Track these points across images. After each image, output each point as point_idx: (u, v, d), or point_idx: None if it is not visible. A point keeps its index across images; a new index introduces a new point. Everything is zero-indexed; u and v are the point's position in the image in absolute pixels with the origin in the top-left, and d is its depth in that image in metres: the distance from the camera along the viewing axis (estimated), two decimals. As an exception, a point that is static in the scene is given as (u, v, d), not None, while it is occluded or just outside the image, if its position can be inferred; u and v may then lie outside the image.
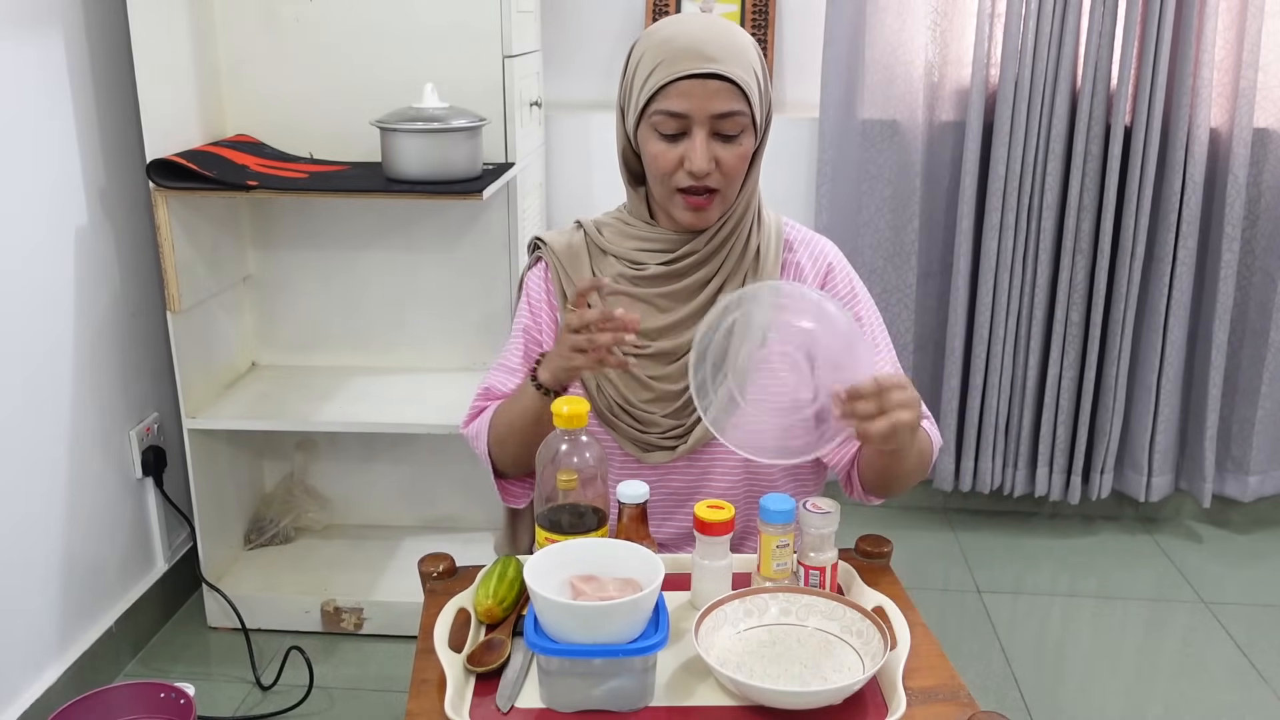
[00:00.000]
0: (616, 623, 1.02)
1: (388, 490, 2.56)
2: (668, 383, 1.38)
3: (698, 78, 1.25)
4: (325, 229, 2.37)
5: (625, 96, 1.35)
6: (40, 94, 1.92)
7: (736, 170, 1.31)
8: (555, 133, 2.68)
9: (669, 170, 1.30)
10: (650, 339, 1.37)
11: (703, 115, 1.26)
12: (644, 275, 1.37)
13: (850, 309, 1.40)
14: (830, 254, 1.44)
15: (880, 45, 2.57)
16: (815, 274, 1.42)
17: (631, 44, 1.34)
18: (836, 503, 1.21)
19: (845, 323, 1.21)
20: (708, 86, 1.25)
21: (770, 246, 1.39)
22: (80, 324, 2.04)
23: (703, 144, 1.27)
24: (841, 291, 1.42)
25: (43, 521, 1.96)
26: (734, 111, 1.27)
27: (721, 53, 1.26)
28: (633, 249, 1.39)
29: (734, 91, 1.26)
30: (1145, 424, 2.69)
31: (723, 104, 1.26)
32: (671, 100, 1.26)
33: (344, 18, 2.18)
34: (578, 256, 1.42)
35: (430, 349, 2.45)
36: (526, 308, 1.45)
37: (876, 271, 2.70)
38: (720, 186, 1.31)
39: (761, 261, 1.38)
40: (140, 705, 1.56)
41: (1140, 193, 2.53)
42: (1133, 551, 2.73)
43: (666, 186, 1.32)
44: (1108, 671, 2.23)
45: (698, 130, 1.27)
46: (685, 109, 1.26)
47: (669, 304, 1.37)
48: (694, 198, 1.31)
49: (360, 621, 2.29)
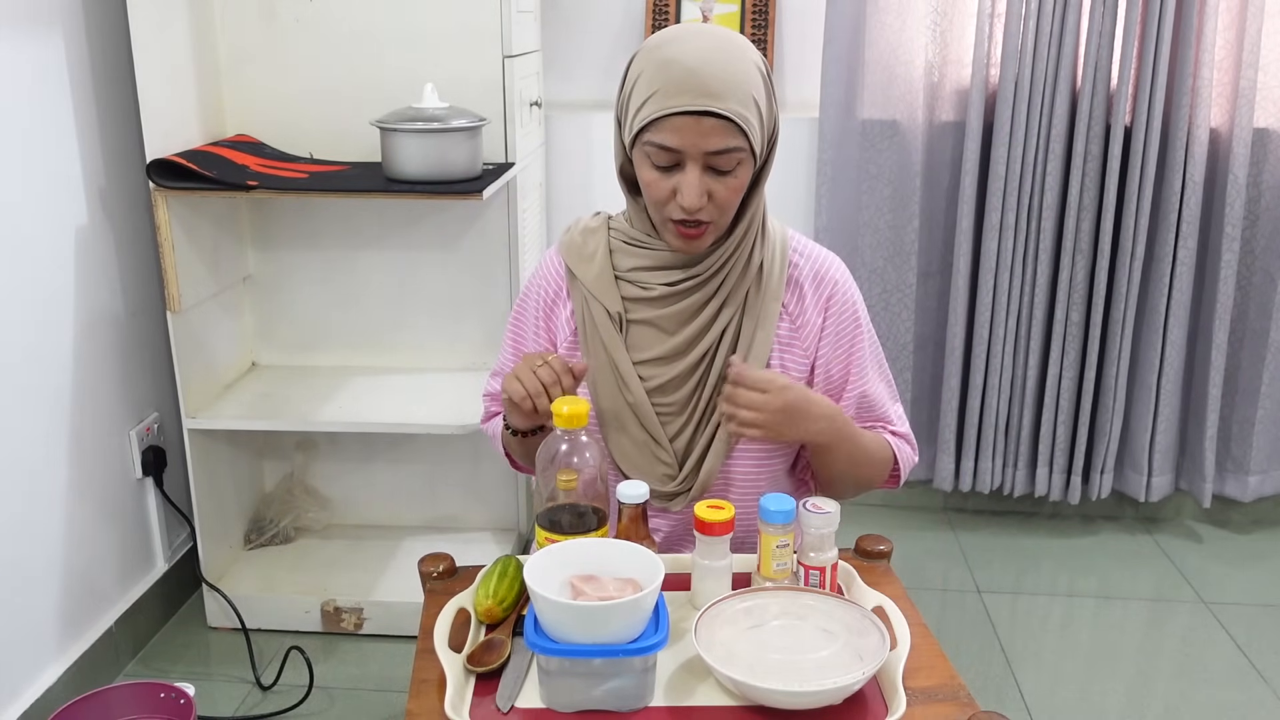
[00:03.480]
0: (616, 623, 1.02)
1: (388, 490, 2.56)
2: (674, 414, 1.38)
3: (693, 115, 1.21)
4: (325, 229, 2.37)
5: (621, 112, 1.31)
6: (40, 94, 1.92)
7: (730, 203, 1.28)
8: (555, 133, 2.68)
9: (662, 200, 1.28)
10: (656, 368, 1.37)
11: (696, 152, 1.23)
12: (650, 297, 1.36)
13: (849, 337, 1.40)
14: (835, 273, 1.41)
15: (880, 45, 2.57)
16: (817, 298, 1.39)
17: (632, 54, 1.30)
18: (836, 503, 1.21)
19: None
20: (702, 124, 1.21)
21: (775, 262, 1.37)
22: (80, 324, 2.04)
23: (695, 180, 1.24)
24: (845, 316, 1.40)
25: (43, 521, 1.96)
26: (729, 149, 1.23)
27: (720, 87, 1.21)
28: (637, 268, 1.37)
29: (730, 129, 1.22)
30: (1145, 424, 2.69)
31: (717, 142, 1.22)
32: (665, 134, 1.23)
33: (344, 18, 2.18)
34: (592, 257, 1.40)
35: (430, 349, 2.45)
36: (517, 309, 1.48)
37: (876, 271, 2.70)
38: (713, 219, 1.28)
39: (765, 278, 1.36)
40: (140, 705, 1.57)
41: (1140, 193, 2.53)
42: (1133, 551, 2.73)
43: (659, 214, 1.30)
44: (1108, 671, 2.23)
45: (691, 165, 1.24)
46: (678, 144, 1.22)
47: (674, 325, 1.36)
48: (686, 229, 1.29)
49: (360, 621, 2.29)
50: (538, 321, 1.44)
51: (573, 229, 1.43)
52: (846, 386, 1.41)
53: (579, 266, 1.39)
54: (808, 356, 1.39)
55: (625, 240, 1.38)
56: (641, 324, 1.37)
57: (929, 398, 2.81)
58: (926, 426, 2.83)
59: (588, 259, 1.39)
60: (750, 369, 1.30)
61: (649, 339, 1.37)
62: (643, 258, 1.36)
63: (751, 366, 1.32)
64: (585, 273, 1.38)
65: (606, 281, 1.37)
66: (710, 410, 1.36)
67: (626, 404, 1.37)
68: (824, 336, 1.39)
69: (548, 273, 1.44)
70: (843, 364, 1.40)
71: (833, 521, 1.19)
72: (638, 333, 1.37)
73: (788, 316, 1.38)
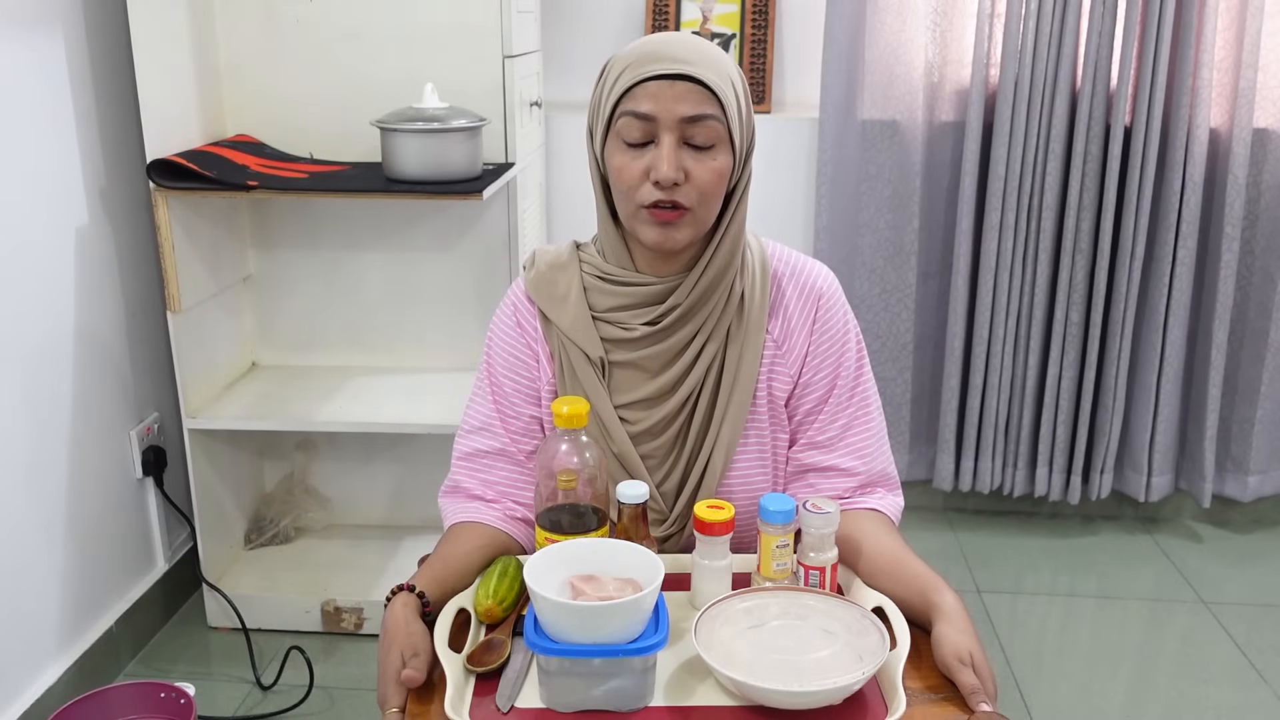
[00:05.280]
0: (616, 623, 1.02)
1: (388, 490, 2.56)
2: (659, 460, 1.32)
3: (666, 78, 1.17)
4: (325, 229, 2.37)
5: (594, 114, 1.26)
6: (40, 94, 1.92)
7: (709, 187, 1.21)
8: (555, 133, 2.68)
9: (634, 184, 1.20)
10: (640, 411, 1.31)
11: (670, 118, 1.18)
12: (631, 338, 1.28)
13: (839, 346, 1.32)
14: (821, 282, 1.33)
15: (880, 45, 2.57)
16: (804, 312, 1.32)
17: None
18: (836, 503, 1.21)
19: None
20: (676, 87, 1.17)
21: (755, 290, 1.30)
22: (80, 324, 2.04)
23: (670, 149, 1.18)
24: (833, 325, 1.32)
25: (43, 521, 1.96)
26: (704, 115, 1.18)
27: (694, 56, 1.18)
28: (616, 307, 1.29)
29: (706, 95, 1.18)
30: (1145, 424, 2.69)
31: (692, 106, 1.17)
32: (638, 101, 1.18)
33: (344, 18, 2.18)
34: (565, 298, 1.30)
35: (430, 349, 2.45)
36: (489, 360, 1.36)
37: (876, 272, 2.70)
38: (690, 204, 1.20)
39: (746, 309, 1.29)
40: (140, 705, 1.57)
41: (1140, 193, 2.53)
42: (1133, 551, 2.73)
43: (632, 203, 1.22)
44: (1108, 671, 2.23)
45: (665, 135, 1.18)
46: (652, 110, 1.18)
47: (657, 366, 1.30)
48: (661, 212, 1.20)
49: (360, 621, 2.29)
50: (514, 374, 1.34)
51: (537, 262, 1.34)
52: (830, 399, 1.33)
53: (552, 308, 1.31)
54: (792, 374, 1.33)
55: (600, 276, 1.30)
56: (623, 366, 1.30)
57: (929, 398, 2.81)
58: (926, 426, 2.83)
59: (560, 300, 1.30)
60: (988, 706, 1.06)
61: (631, 381, 1.30)
62: (621, 296, 1.29)
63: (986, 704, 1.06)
64: (560, 316, 1.30)
65: (584, 325, 1.29)
66: (695, 452, 1.31)
67: (612, 454, 1.31)
68: (810, 348, 1.32)
69: (519, 317, 1.34)
70: (829, 375, 1.33)
71: (833, 522, 1.19)
72: (619, 376, 1.31)
73: (772, 342, 1.32)
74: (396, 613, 1.13)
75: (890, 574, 1.20)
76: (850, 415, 1.34)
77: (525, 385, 1.34)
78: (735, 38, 2.68)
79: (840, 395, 1.33)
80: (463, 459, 1.37)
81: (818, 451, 1.33)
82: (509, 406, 1.35)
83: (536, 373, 1.34)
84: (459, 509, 1.34)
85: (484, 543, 1.28)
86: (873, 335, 2.72)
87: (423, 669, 1.07)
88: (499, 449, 1.34)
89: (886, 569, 1.21)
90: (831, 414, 1.33)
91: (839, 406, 1.33)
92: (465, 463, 1.36)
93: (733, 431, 1.31)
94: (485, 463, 1.35)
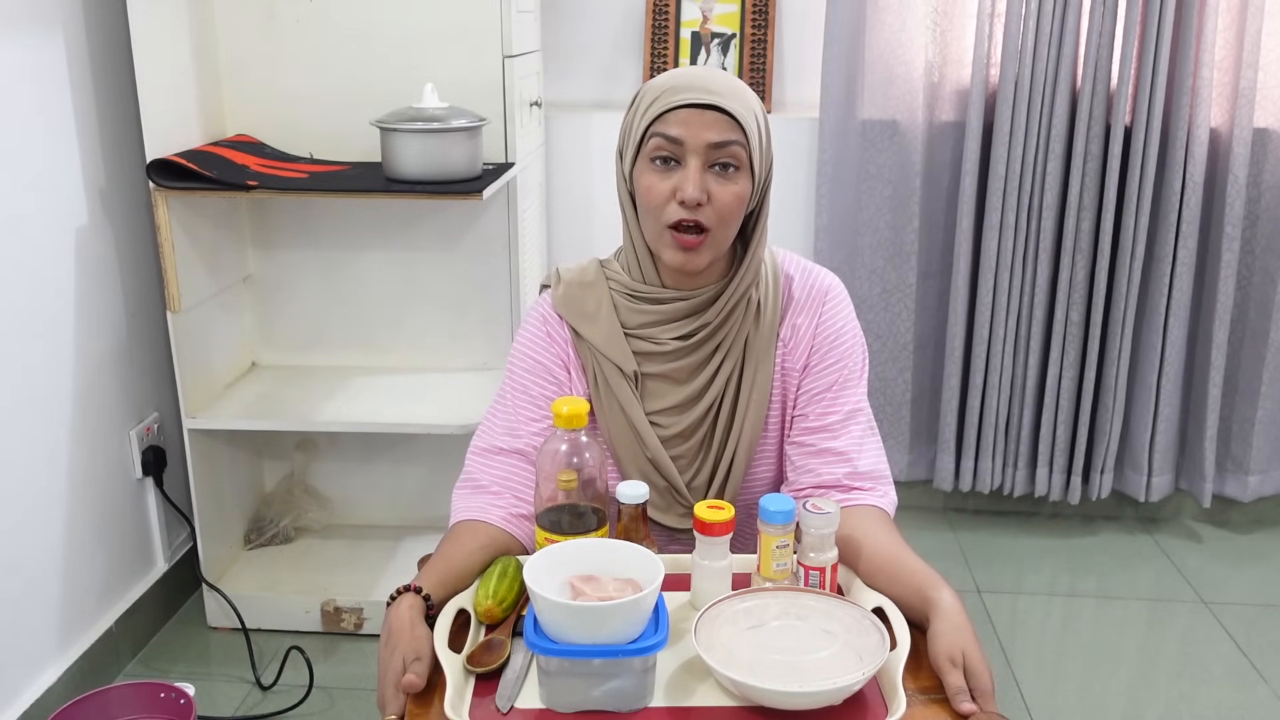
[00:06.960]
0: (616, 623, 1.02)
1: (388, 490, 2.56)
2: (689, 461, 1.40)
3: (695, 107, 1.26)
4: (325, 229, 2.37)
5: (625, 137, 1.34)
6: (40, 94, 1.92)
7: (729, 210, 1.29)
8: (555, 133, 2.68)
9: (660, 203, 1.28)
10: (670, 417, 1.38)
11: (698, 144, 1.26)
12: (663, 351, 1.36)
13: (845, 341, 1.39)
14: (827, 281, 1.42)
15: (880, 45, 2.57)
16: (810, 309, 1.39)
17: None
18: (836, 504, 1.21)
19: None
20: (705, 116, 1.26)
21: (769, 298, 1.38)
22: (80, 324, 2.04)
23: (696, 171, 1.27)
24: (838, 319, 1.39)
25: (43, 521, 1.96)
26: (729, 141, 1.27)
27: (722, 89, 1.28)
28: (647, 324, 1.37)
29: (731, 124, 1.27)
30: (1145, 424, 2.69)
31: (718, 134, 1.26)
32: (668, 126, 1.27)
33: (344, 18, 2.18)
34: (595, 315, 1.37)
35: (430, 349, 2.45)
36: (518, 369, 1.40)
37: (876, 271, 2.70)
38: (712, 225, 1.28)
39: (762, 316, 1.38)
40: (140, 705, 1.57)
41: (1140, 193, 2.53)
42: (1133, 551, 2.73)
43: (658, 223, 1.30)
44: (1108, 671, 2.23)
45: (692, 158, 1.27)
46: (681, 134, 1.27)
47: (686, 375, 1.38)
48: (684, 236, 1.28)
49: (360, 621, 2.29)
50: (542, 381, 1.39)
51: (563, 279, 1.41)
52: (831, 390, 1.38)
53: (583, 325, 1.38)
54: (798, 367, 1.39)
55: (629, 294, 1.37)
56: (654, 377, 1.38)
57: (929, 398, 2.81)
58: (926, 426, 2.83)
59: (590, 317, 1.38)
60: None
61: (662, 390, 1.38)
62: (651, 314, 1.36)
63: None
64: (593, 333, 1.38)
65: (618, 341, 1.37)
66: (721, 451, 1.39)
67: (646, 459, 1.38)
68: (815, 341, 1.39)
69: (549, 329, 1.41)
70: (833, 364, 1.39)
71: (833, 522, 1.19)
72: (650, 385, 1.38)
73: (783, 344, 1.40)
74: (401, 615, 1.13)
75: (889, 572, 1.22)
76: (851, 409, 1.39)
77: (553, 393, 1.40)
78: (735, 38, 2.68)
79: (842, 387, 1.39)
80: (477, 453, 1.40)
81: (815, 435, 1.38)
82: (534, 409, 1.38)
83: (567, 383, 1.40)
84: (464, 506, 1.37)
85: (486, 543, 1.29)
86: (873, 335, 2.72)
87: (424, 674, 1.08)
88: (517, 449, 1.37)
89: (885, 567, 1.23)
90: (831, 402, 1.38)
91: (840, 394, 1.38)
92: (479, 457, 1.40)
93: (753, 431, 1.39)
94: (500, 459, 1.38)
